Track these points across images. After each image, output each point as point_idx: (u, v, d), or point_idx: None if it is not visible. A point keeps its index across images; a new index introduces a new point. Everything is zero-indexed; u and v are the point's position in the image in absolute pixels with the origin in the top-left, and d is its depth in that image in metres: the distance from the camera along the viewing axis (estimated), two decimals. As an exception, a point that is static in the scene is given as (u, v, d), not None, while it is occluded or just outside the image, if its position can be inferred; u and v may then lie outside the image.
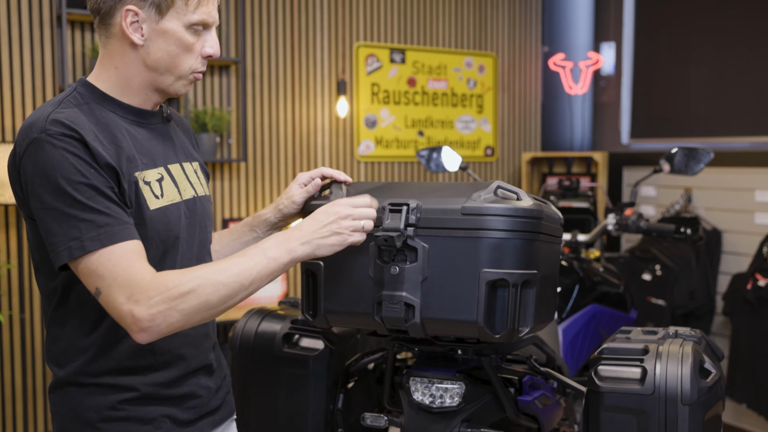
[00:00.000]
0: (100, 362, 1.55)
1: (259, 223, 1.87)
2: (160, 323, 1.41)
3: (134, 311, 1.39)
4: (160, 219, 1.54)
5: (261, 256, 1.50)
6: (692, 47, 4.86)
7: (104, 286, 1.41)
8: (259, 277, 1.49)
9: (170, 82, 1.59)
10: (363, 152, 4.94)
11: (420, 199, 1.63)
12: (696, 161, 2.98)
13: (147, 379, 1.57)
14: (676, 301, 4.40)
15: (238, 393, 2.06)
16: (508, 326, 1.57)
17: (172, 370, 1.61)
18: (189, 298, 1.42)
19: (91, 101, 1.55)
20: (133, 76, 1.58)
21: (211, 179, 4.47)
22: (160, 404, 1.59)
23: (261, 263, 1.49)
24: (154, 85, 1.59)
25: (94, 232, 1.41)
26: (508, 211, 1.55)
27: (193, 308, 1.43)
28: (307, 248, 1.54)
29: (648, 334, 1.87)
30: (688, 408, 1.60)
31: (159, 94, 1.62)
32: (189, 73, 1.59)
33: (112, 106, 1.57)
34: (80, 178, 1.42)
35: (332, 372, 2.01)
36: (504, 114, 5.51)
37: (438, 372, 1.81)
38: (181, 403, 1.63)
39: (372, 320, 1.65)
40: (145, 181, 1.53)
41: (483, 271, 1.54)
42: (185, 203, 1.64)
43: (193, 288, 1.42)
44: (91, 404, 1.55)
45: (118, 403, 1.55)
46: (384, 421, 1.90)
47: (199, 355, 1.68)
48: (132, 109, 1.60)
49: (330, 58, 4.82)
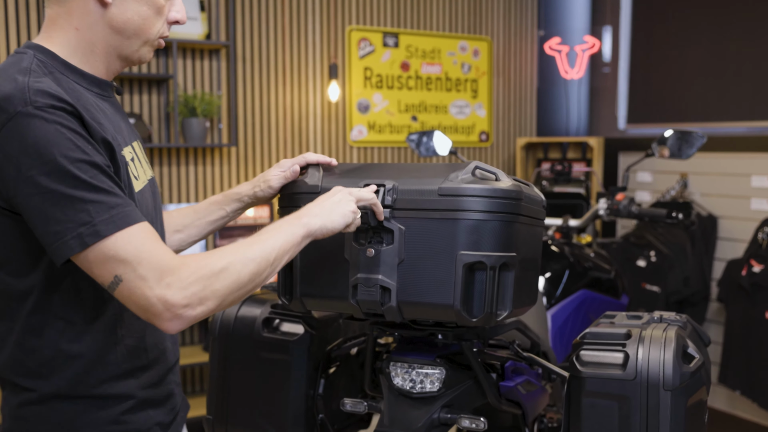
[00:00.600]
0: (97, 369, 1.39)
1: (231, 201, 1.80)
2: (195, 306, 1.26)
3: (167, 296, 1.24)
4: (141, 202, 1.44)
5: (278, 232, 1.40)
6: (690, 32, 4.81)
7: (127, 271, 1.24)
8: (281, 252, 1.39)
9: (136, 47, 1.44)
10: (355, 137, 4.90)
11: (397, 180, 1.59)
12: (689, 145, 2.95)
13: (141, 381, 1.45)
14: (670, 288, 4.36)
15: (218, 378, 2.02)
16: (485, 310, 1.53)
17: (158, 367, 1.51)
18: (222, 277, 1.29)
19: (55, 70, 1.35)
20: (97, 40, 1.40)
21: (201, 164, 4.44)
22: (152, 409, 1.48)
23: (281, 238, 1.39)
24: (118, 50, 1.43)
25: (105, 214, 1.24)
26: (486, 192, 1.52)
27: (227, 288, 1.29)
28: (318, 220, 1.45)
29: (632, 318, 1.84)
30: (670, 393, 1.57)
31: (121, 61, 1.46)
32: (156, 38, 1.47)
33: (76, 76, 1.39)
34: (81, 155, 1.24)
35: (313, 357, 1.97)
36: (499, 99, 5.47)
37: (418, 357, 1.78)
38: (164, 405, 1.53)
39: (348, 304, 1.61)
40: (125, 161, 1.40)
41: (460, 253, 1.51)
42: (149, 184, 1.54)
43: (225, 266, 1.30)
44: (87, 421, 1.38)
45: (119, 416, 1.41)
46: (364, 406, 1.87)
47: (173, 348, 1.61)
48: (95, 80, 1.43)
49: (322, 42, 4.77)
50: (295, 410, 1.94)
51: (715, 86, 4.64)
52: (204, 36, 4.30)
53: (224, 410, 2.01)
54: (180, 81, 4.34)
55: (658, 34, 5.04)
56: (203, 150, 4.43)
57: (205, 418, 2.06)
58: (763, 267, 3.93)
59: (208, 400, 2.05)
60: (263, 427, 1.96)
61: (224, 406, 2.01)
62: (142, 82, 4.25)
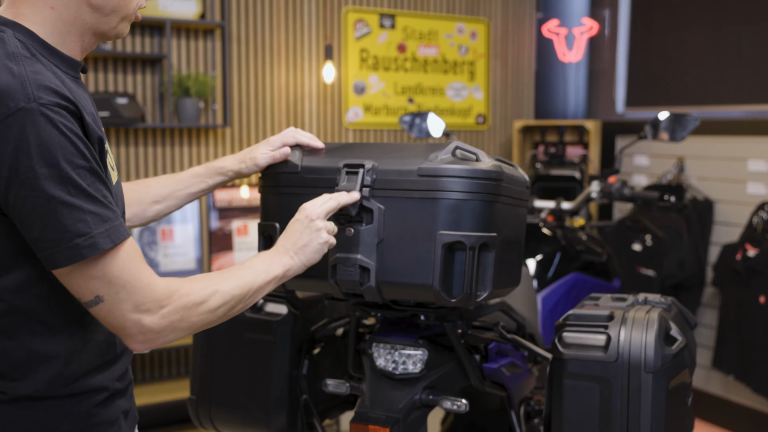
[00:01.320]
0: (72, 368, 1.34)
1: (214, 175, 1.76)
2: (168, 334, 1.29)
3: (144, 321, 1.25)
4: (118, 194, 1.39)
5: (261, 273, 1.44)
6: (689, 15, 4.78)
7: (110, 293, 1.23)
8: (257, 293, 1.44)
9: (114, 23, 1.36)
10: (351, 119, 4.88)
11: (377, 160, 1.58)
12: (682, 127, 2.93)
13: (111, 374, 1.42)
14: (665, 272, 4.35)
15: (201, 358, 2.02)
16: (465, 290, 1.52)
17: (125, 358, 1.48)
18: (200, 311, 1.31)
19: (37, 53, 1.27)
20: (73, 18, 1.32)
21: (195, 145, 4.42)
22: (119, 399, 1.45)
23: (260, 278, 1.44)
24: (94, 28, 1.35)
25: (101, 227, 1.21)
26: (466, 173, 1.50)
27: (201, 321, 1.33)
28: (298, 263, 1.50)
29: (617, 300, 1.83)
30: (651, 375, 1.57)
31: (97, 38, 1.38)
32: (135, 11, 1.39)
33: (55, 59, 1.30)
34: (82, 161, 1.21)
35: (296, 338, 1.97)
36: (496, 81, 5.44)
37: (400, 338, 1.77)
38: (127, 393, 1.49)
39: (327, 283, 1.61)
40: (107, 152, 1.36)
41: (439, 233, 1.50)
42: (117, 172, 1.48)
43: (204, 299, 1.32)
44: (64, 416, 1.35)
45: (92, 409, 1.38)
46: (346, 387, 1.87)
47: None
48: (70, 61, 1.34)
49: (318, 23, 4.74)
50: (278, 391, 1.94)
51: (713, 70, 4.61)
52: (198, 16, 4.27)
53: (207, 390, 2.01)
54: (174, 61, 4.31)
55: (657, 17, 5.00)
56: (197, 131, 4.41)
57: (188, 398, 2.05)
58: (758, 251, 3.91)
59: (191, 380, 2.05)
60: (246, 407, 1.96)
61: (207, 386, 2.01)
62: (135, 61, 4.22)
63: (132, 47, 4.21)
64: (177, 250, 4.30)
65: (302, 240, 1.50)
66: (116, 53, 4.02)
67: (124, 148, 4.22)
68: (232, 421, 2.01)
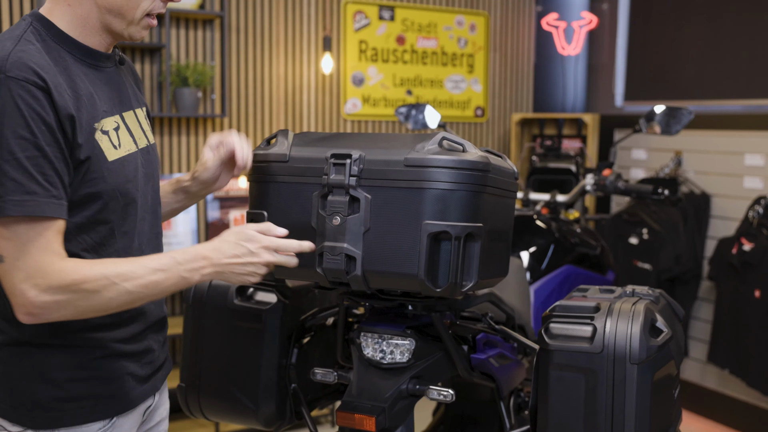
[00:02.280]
0: (70, 322, 1.46)
1: (179, 191, 1.82)
2: (51, 313, 1.36)
3: (29, 294, 1.33)
4: (118, 171, 1.48)
5: (174, 273, 1.45)
6: (688, 9, 4.77)
7: (11, 257, 1.33)
8: (164, 292, 1.46)
9: (123, 25, 1.50)
10: (350, 110, 4.88)
11: (365, 150, 1.58)
12: (677, 121, 2.93)
13: (113, 335, 1.53)
14: (661, 266, 4.35)
15: (191, 346, 2.03)
16: (450, 280, 1.52)
17: (135, 325, 1.58)
18: (90, 298, 1.37)
19: (49, 39, 1.44)
20: (86, 15, 1.48)
21: (193, 134, 4.43)
22: (125, 360, 1.56)
23: (171, 279, 1.45)
24: (107, 26, 1.50)
25: (18, 196, 1.31)
26: (452, 163, 1.51)
27: (90, 308, 1.39)
28: (218, 276, 1.51)
29: (605, 292, 1.83)
30: (636, 367, 1.57)
31: (113, 36, 1.53)
32: (142, 17, 1.51)
33: (69, 46, 1.47)
34: (27, 134, 1.32)
35: (285, 326, 1.97)
36: (495, 74, 5.43)
37: (388, 327, 1.77)
38: (140, 359, 1.60)
39: (314, 272, 1.61)
40: (103, 130, 1.46)
41: (425, 222, 1.50)
42: (141, 152, 1.58)
43: (97, 288, 1.37)
44: (57, 363, 1.48)
45: (87, 362, 1.50)
46: (334, 376, 1.87)
47: (156, 309, 1.65)
48: (88, 50, 1.50)
49: (317, 14, 4.74)
50: (266, 379, 1.94)
51: (711, 64, 4.61)
52: (198, 6, 4.27)
53: (197, 378, 2.01)
54: (173, 51, 4.31)
55: (656, 11, 4.99)
56: (195, 120, 4.41)
57: (178, 386, 2.06)
58: (754, 245, 3.91)
59: (181, 368, 2.05)
60: (235, 395, 1.96)
61: (197, 374, 2.01)
62: (135, 50, 4.22)
63: (130, 36, 4.20)
64: (177, 239, 4.32)
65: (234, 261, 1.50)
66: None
67: (122, 137, 4.22)
68: (221, 410, 2.01)
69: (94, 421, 1.51)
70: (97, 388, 1.51)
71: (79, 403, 1.50)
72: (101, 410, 1.52)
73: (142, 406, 1.63)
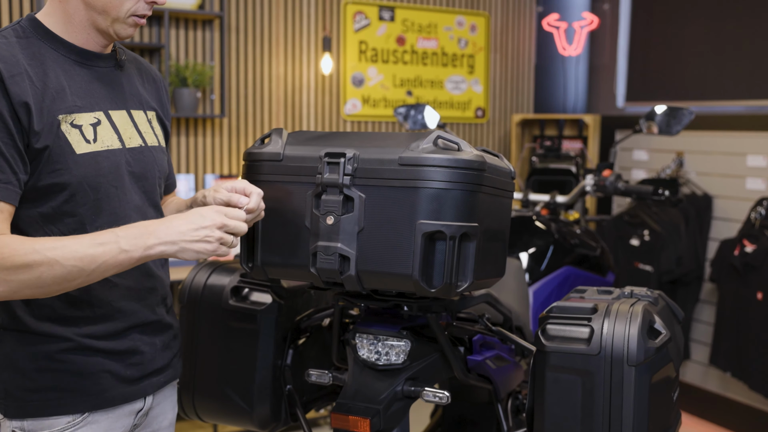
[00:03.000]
0: (33, 309, 1.49)
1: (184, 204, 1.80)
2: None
3: None
4: (89, 164, 1.48)
5: (113, 245, 1.39)
6: (689, 10, 4.75)
7: None
8: (104, 267, 1.39)
9: (108, 23, 1.53)
10: (349, 111, 4.86)
11: (359, 148, 1.57)
12: (677, 121, 2.91)
13: (84, 330, 1.52)
14: (663, 267, 4.33)
15: (186, 346, 2.01)
16: (445, 280, 1.51)
17: (110, 323, 1.56)
18: (21, 272, 1.35)
19: (32, 36, 1.50)
20: (73, 12, 1.52)
21: (192, 134, 4.41)
22: (101, 357, 1.54)
23: (110, 253, 1.39)
24: (93, 24, 1.53)
25: None
26: (447, 162, 1.49)
27: (23, 283, 1.36)
28: (170, 248, 1.42)
29: (603, 293, 1.82)
30: (634, 369, 1.55)
31: (101, 34, 1.55)
32: (127, 16, 1.53)
33: (54, 43, 1.51)
34: None
35: (281, 327, 1.96)
36: (496, 75, 5.41)
37: (383, 328, 1.76)
38: (123, 359, 1.58)
39: (308, 272, 1.59)
40: (73, 123, 1.47)
41: (419, 222, 1.48)
42: (129, 151, 1.57)
43: (27, 263, 1.35)
44: (26, 352, 1.49)
45: (56, 353, 1.50)
46: (328, 377, 1.85)
47: (142, 310, 1.62)
48: (75, 48, 1.54)
49: (317, 15, 4.72)
50: (261, 380, 1.93)
51: (713, 65, 4.59)
52: (197, 6, 4.25)
53: (191, 379, 2.00)
54: (172, 51, 4.30)
55: (657, 11, 4.97)
56: (195, 120, 4.40)
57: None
58: (756, 247, 3.89)
59: (176, 369, 2.04)
60: (229, 396, 1.95)
61: (191, 375, 2.00)
62: (134, 51, 4.19)
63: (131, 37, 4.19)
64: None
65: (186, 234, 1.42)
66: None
67: (121, 137, 4.21)
68: (215, 411, 2.00)
69: (61, 415, 1.51)
70: (65, 382, 1.51)
71: (45, 394, 1.50)
72: (69, 404, 1.51)
73: (127, 408, 1.60)
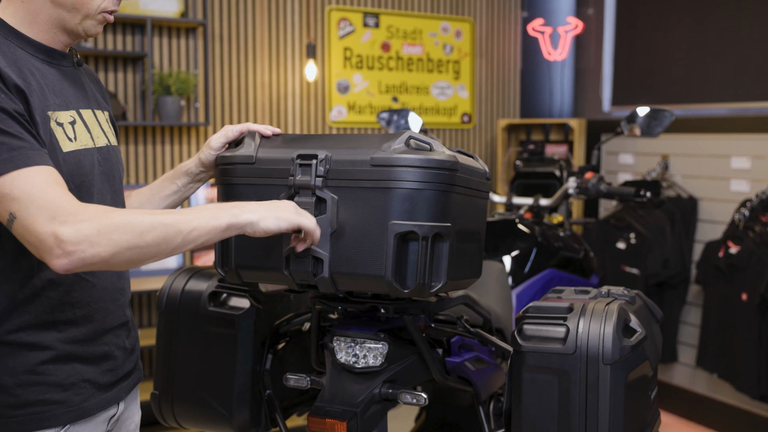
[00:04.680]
0: (14, 316, 1.42)
1: (180, 174, 1.80)
2: (86, 249, 1.26)
3: (59, 231, 1.25)
4: (73, 163, 1.47)
5: (203, 211, 1.38)
6: (673, 14, 4.77)
7: (21, 209, 1.27)
8: (199, 232, 1.36)
9: (78, 20, 1.50)
10: (335, 118, 4.87)
11: (331, 150, 1.56)
12: (658, 123, 2.92)
13: (64, 335, 1.47)
14: (649, 270, 4.34)
15: (164, 353, 2.00)
16: (418, 281, 1.50)
17: (89, 325, 1.52)
18: (122, 229, 1.28)
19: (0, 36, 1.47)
20: (38, 11, 1.48)
21: (177, 143, 4.40)
22: (79, 364, 1.50)
23: (201, 217, 1.37)
24: (61, 23, 1.50)
25: (5, 154, 1.28)
26: (419, 162, 1.49)
27: (125, 242, 1.28)
28: (251, 216, 1.41)
29: (580, 293, 1.81)
30: (609, 368, 1.54)
31: (67, 34, 1.53)
32: (97, 12, 1.51)
33: (20, 41, 1.47)
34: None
35: (259, 332, 1.95)
36: (482, 80, 5.42)
37: (360, 331, 1.75)
38: (100, 365, 1.55)
39: (282, 275, 1.59)
40: (57, 121, 1.45)
41: (392, 222, 1.48)
42: (98, 150, 1.57)
43: (129, 221, 1.29)
44: (5, 367, 1.42)
45: (36, 365, 1.44)
46: (307, 381, 1.84)
47: (116, 311, 1.61)
48: (41, 47, 1.50)
49: (300, 22, 4.72)
50: (240, 386, 1.92)
51: (697, 68, 4.60)
52: (180, 14, 4.25)
53: (170, 385, 1.99)
54: (156, 59, 4.30)
55: (642, 16, 4.99)
56: (179, 129, 4.39)
57: (152, 393, 2.04)
58: (740, 248, 3.90)
59: (155, 375, 2.03)
60: (208, 402, 1.94)
61: (170, 381, 1.99)
62: (117, 59, 4.21)
63: (113, 45, 4.19)
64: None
65: (274, 205, 1.45)
66: (97, 51, 4.00)
67: (105, 146, 4.20)
68: (194, 417, 1.98)
69: (43, 429, 1.45)
70: (48, 394, 1.45)
71: (29, 410, 1.44)
72: (53, 418, 1.46)
73: (103, 415, 1.58)
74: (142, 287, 3.98)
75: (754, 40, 4.28)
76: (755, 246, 3.82)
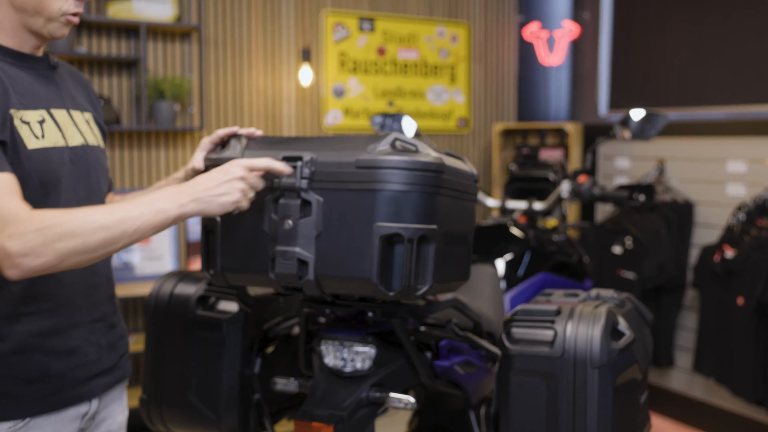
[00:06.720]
0: None
1: (171, 182, 1.81)
2: (32, 260, 1.32)
3: (6, 245, 1.31)
4: (39, 160, 1.49)
5: (148, 207, 1.42)
6: (670, 18, 4.76)
7: None
8: (143, 227, 1.41)
9: (41, 24, 1.53)
10: (330, 122, 4.86)
11: (317, 152, 1.56)
12: (651, 126, 2.91)
13: (27, 327, 1.50)
14: (645, 275, 4.32)
15: (152, 357, 1.99)
16: (403, 283, 1.49)
17: (53, 319, 1.54)
18: (66, 238, 1.34)
19: None
20: (3, 18, 1.52)
21: (171, 148, 4.39)
22: (46, 358, 1.51)
23: (147, 213, 1.42)
24: (26, 26, 1.54)
25: None
26: (405, 164, 1.48)
27: (70, 249, 1.34)
28: (198, 205, 1.46)
29: (569, 296, 1.81)
30: (597, 371, 1.54)
31: (35, 36, 1.56)
32: (59, 15, 1.54)
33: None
34: None
35: (247, 336, 1.94)
36: (478, 85, 5.42)
37: (348, 334, 1.74)
38: (69, 360, 1.55)
39: (267, 277, 1.58)
40: (23, 120, 1.48)
41: (377, 225, 1.47)
42: (71, 150, 1.58)
43: (72, 229, 1.34)
44: None
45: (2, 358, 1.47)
46: (294, 385, 1.84)
47: (87, 307, 1.61)
48: (9, 51, 1.54)
49: (296, 26, 4.72)
50: (228, 390, 1.91)
51: (694, 72, 4.60)
52: (174, 19, 4.24)
53: (158, 390, 1.98)
54: (150, 64, 4.29)
55: (638, 19, 4.98)
56: (174, 134, 4.39)
57: (140, 397, 2.03)
58: (736, 252, 3.89)
59: (143, 379, 2.02)
60: (196, 406, 1.93)
61: (158, 385, 1.98)
62: (111, 64, 4.20)
63: (107, 50, 4.18)
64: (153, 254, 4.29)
65: (211, 189, 1.48)
66: (91, 56, 4.00)
67: (100, 151, 4.19)
68: (183, 421, 1.98)
69: (2, 421, 1.48)
70: (8, 387, 1.48)
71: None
72: (12, 410, 1.48)
73: (73, 411, 1.57)
74: (134, 292, 3.96)
75: (751, 44, 4.28)
76: (751, 250, 3.80)
